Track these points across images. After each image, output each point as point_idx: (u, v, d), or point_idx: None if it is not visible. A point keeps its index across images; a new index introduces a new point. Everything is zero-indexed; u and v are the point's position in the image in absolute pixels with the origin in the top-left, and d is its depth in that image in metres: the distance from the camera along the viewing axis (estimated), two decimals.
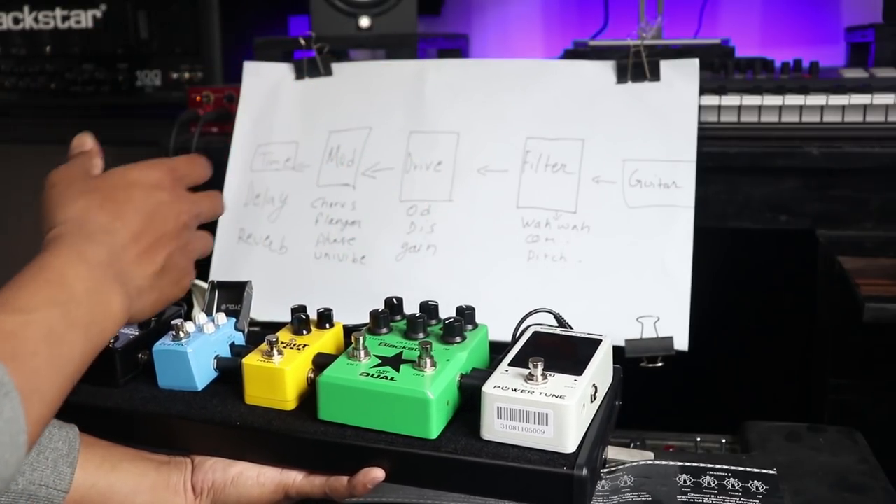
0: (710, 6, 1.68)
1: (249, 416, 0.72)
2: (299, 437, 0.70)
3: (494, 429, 0.66)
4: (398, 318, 0.78)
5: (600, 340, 0.73)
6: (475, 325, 0.76)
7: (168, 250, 0.69)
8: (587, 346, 0.72)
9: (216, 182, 1.18)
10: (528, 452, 0.65)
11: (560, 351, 0.72)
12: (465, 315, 0.75)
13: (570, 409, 0.64)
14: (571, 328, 0.77)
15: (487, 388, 0.66)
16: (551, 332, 0.76)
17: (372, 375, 0.68)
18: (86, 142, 0.81)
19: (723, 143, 1.12)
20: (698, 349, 1.00)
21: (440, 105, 1.16)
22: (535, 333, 0.75)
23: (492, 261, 1.07)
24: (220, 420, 0.72)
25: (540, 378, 0.66)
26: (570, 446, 0.65)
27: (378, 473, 0.67)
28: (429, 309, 0.77)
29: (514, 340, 0.75)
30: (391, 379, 0.67)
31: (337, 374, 0.69)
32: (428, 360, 0.68)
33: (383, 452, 0.67)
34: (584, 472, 0.63)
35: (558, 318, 0.78)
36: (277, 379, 0.71)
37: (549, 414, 0.64)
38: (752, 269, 1.41)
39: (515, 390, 0.66)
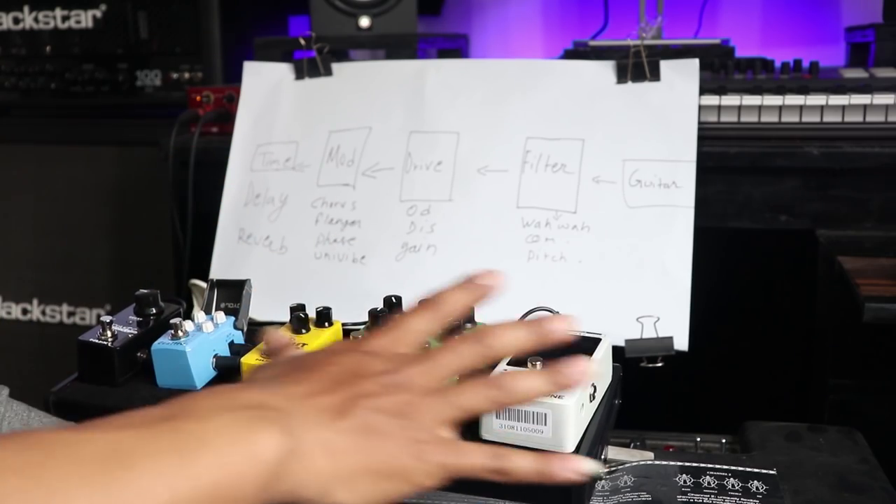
0: (710, 6, 1.68)
1: None
2: None
3: (493, 429, 0.66)
4: None
5: (599, 339, 0.73)
6: (474, 324, 0.76)
7: (366, 406, 0.51)
8: (586, 345, 0.72)
9: (216, 182, 1.19)
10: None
11: (559, 350, 0.72)
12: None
13: (568, 409, 0.64)
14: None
15: None
16: None
17: None
18: (272, 337, 0.64)
19: (723, 143, 1.12)
20: (698, 349, 1.00)
21: (440, 105, 1.16)
22: None
23: (492, 261, 1.06)
24: None
25: None
26: (568, 446, 0.65)
27: None
28: None
29: None
30: None
31: None
32: None
33: None
34: None
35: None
36: None
37: (548, 414, 0.64)
38: (752, 269, 1.40)
39: None
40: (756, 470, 0.82)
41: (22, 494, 0.39)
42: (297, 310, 0.78)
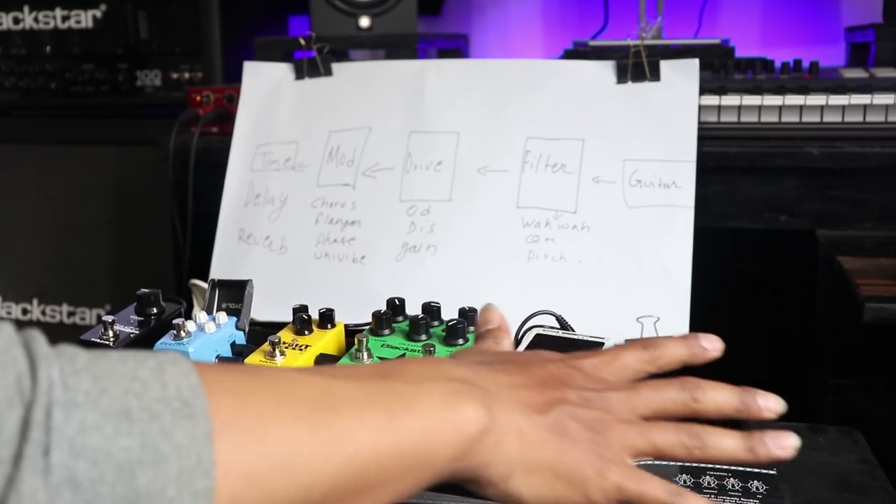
0: (710, 6, 1.68)
1: None
2: None
3: None
4: (400, 318, 0.77)
5: (602, 343, 0.73)
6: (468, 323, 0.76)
7: (564, 411, 0.53)
8: (588, 349, 0.72)
9: (216, 182, 1.19)
10: None
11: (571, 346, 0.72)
12: (468, 316, 0.75)
13: None
14: (573, 330, 0.77)
15: None
16: (553, 334, 0.76)
17: None
18: (492, 317, 0.65)
19: (723, 143, 1.12)
20: None
21: (440, 105, 1.16)
22: (538, 336, 0.75)
23: (492, 261, 1.06)
24: None
25: None
26: None
27: None
28: (431, 310, 0.77)
29: (517, 343, 0.75)
30: None
31: None
32: None
33: None
34: None
35: (560, 319, 0.78)
36: None
37: None
38: (752, 269, 1.41)
39: None
40: (756, 470, 0.82)
41: (232, 414, 0.41)
42: (300, 311, 0.78)
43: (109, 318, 0.77)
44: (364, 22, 1.43)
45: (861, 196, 1.11)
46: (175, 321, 0.75)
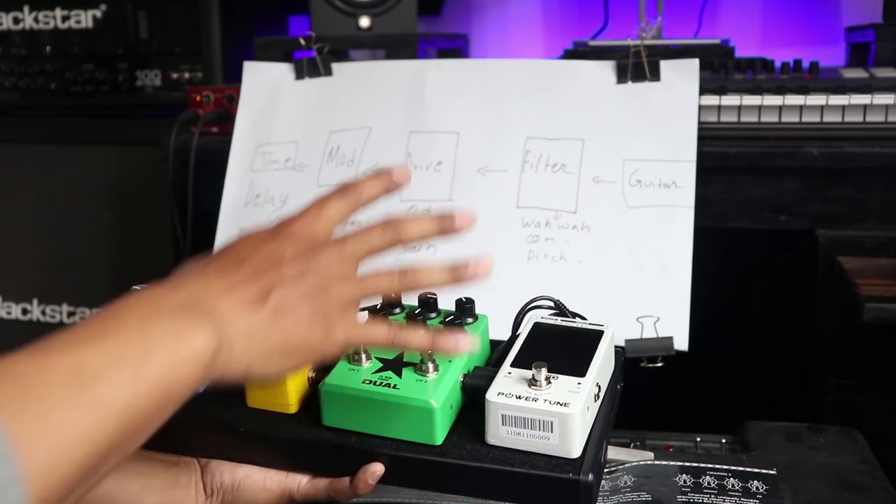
0: (710, 6, 1.68)
1: (252, 421, 0.72)
2: (303, 443, 0.69)
3: (499, 434, 0.66)
4: (397, 311, 0.78)
5: (602, 332, 0.73)
6: (475, 318, 0.76)
7: (273, 286, 0.58)
8: (589, 340, 0.72)
9: (216, 182, 1.19)
10: (534, 458, 0.65)
11: (562, 346, 0.72)
12: (465, 309, 0.75)
13: (574, 418, 0.64)
14: (572, 315, 0.77)
15: (491, 396, 0.66)
16: (552, 323, 0.76)
17: (374, 382, 0.68)
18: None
19: (723, 143, 1.12)
20: (698, 349, 1.00)
21: (440, 105, 1.16)
22: (537, 325, 0.75)
23: (492, 261, 1.06)
24: (223, 426, 0.72)
25: (544, 383, 0.66)
26: (575, 451, 0.65)
27: (378, 468, 0.67)
28: (427, 303, 0.77)
29: (515, 332, 0.75)
30: (394, 386, 0.67)
31: (339, 382, 0.69)
32: (430, 365, 0.68)
33: (388, 458, 0.67)
34: (590, 477, 0.63)
35: (558, 304, 0.77)
36: (278, 384, 0.71)
37: (555, 422, 0.64)
38: (752, 269, 1.41)
39: (520, 397, 0.65)
40: (756, 470, 0.82)
41: (5, 420, 0.44)
42: None
43: None
44: (364, 22, 1.43)
45: (861, 196, 1.11)
46: None
